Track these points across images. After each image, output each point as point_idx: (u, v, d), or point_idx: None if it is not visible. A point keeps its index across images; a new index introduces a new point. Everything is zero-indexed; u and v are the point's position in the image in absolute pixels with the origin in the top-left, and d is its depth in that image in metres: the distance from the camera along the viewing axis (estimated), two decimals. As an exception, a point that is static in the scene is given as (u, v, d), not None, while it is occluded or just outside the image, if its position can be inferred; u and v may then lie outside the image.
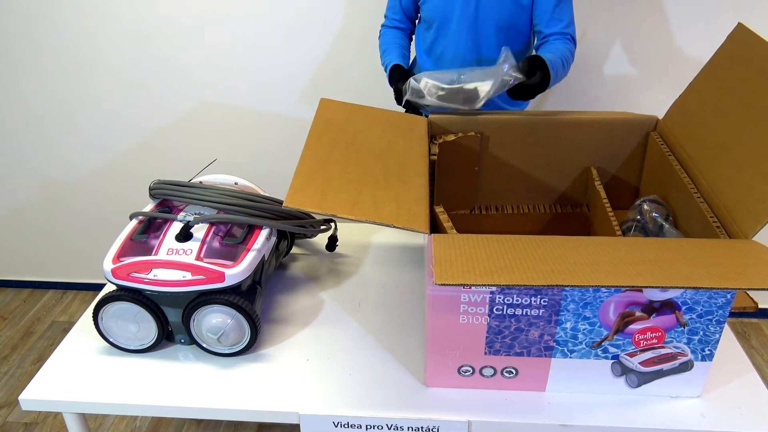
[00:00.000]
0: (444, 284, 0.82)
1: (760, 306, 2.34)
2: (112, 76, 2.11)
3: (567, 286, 0.82)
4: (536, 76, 1.35)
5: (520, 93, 1.36)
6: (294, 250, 1.46)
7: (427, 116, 1.37)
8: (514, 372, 1.03)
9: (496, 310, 0.96)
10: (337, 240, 1.42)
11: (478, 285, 0.83)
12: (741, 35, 1.18)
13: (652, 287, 0.84)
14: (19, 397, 1.08)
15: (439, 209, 1.14)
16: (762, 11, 1.85)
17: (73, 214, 2.40)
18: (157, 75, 2.10)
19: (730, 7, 1.85)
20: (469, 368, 1.03)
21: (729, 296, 0.94)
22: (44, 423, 1.91)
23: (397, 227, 0.95)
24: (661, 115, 1.36)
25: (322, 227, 1.33)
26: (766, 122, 1.04)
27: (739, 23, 1.20)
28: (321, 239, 1.49)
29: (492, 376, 1.04)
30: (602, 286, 0.83)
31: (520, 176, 1.41)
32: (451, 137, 1.34)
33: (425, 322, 1.19)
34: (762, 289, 0.83)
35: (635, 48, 1.93)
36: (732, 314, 2.39)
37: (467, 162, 1.38)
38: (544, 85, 1.36)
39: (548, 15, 1.46)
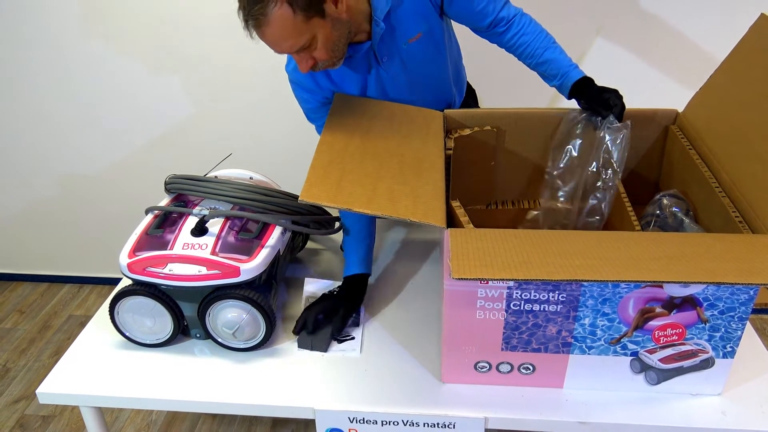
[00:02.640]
0: (461, 278, 0.81)
1: (780, 302, 2.29)
2: (128, 69, 2.10)
3: (588, 280, 0.81)
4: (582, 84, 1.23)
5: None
6: (309, 244, 1.45)
7: None
8: (531, 368, 1.02)
9: (514, 305, 0.94)
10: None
11: (496, 279, 0.82)
12: (764, 26, 1.15)
13: (675, 282, 0.82)
14: (37, 391, 1.08)
15: (455, 204, 1.12)
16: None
17: (89, 208, 2.41)
18: (174, 69, 2.09)
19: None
20: (486, 364, 1.02)
21: (752, 292, 0.92)
22: (62, 416, 1.92)
23: (414, 221, 0.94)
24: (679, 109, 1.33)
25: (337, 225, 1.32)
26: (789, 116, 1.02)
27: (762, 14, 1.17)
28: (336, 235, 1.48)
29: (509, 372, 1.02)
30: (624, 281, 0.82)
31: (537, 171, 1.39)
32: (467, 131, 1.32)
33: (441, 317, 1.17)
34: (786, 285, 0.81)
35: (651, 43, 1.90)
36: (755, 311, 2.35)
37: (483, 157, 1.36)
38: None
39: (484, 3, 1.23)
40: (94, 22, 2.03)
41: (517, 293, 0.93)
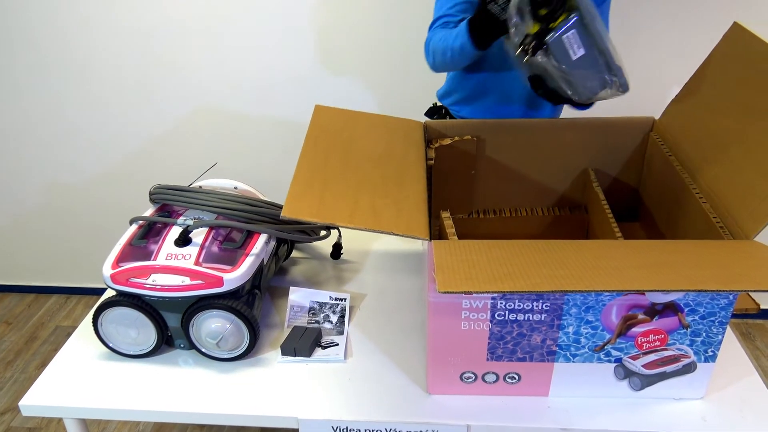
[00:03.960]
0: (447, 292, 0.79)
1: (762, 307, 2.30)
2: (113, 80, 2.07)
3: (574, 291, 0.79)
4: None
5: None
6: (294, 254, 1.42)
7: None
8: (516, 378, 1.00)
9: (498, 315, 0.93)
10: (341, 248, 1.39)
11: (483, 292, 0.80)
12: (737, 34, 1.15)
13: (659, 291, 0.80)
14: (20, 403, 1.05)
15: (445, 215, 1.11)
16: (757, 10, 1.82)
17: (76, 218, 2.37)
18: (158, 79, 2.07)
19: (722, 7, 1.82)
20: (471, 375, 1.00)
21: (731, 297, 0.91)
22: (47, 428, 1.87)
23: (397, 234, 0.92)
24: (656, 116, 1.32)
25: (322, 233, 1.30)
26: (763, 122, 1.01)
27: (734, 22, 1.17)
28: (321, 244, 1.46)
29: (494, 382, 1.00)
30: (609, 291, 0.80)
31: (518, 179, 1.38)
32: (448, 141, 1.31)
33: (425, 328, 1.15)
34: (765, 291, 0.80)
35: (626, 51, 1.90)
36: (735, 315, 2.36)
37: (464, 166, 1.35)
38: None
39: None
40: (79, 33, 2.00)
41: (501, 303, 0.91)
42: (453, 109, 1.54)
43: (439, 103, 1.58)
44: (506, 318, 0.93)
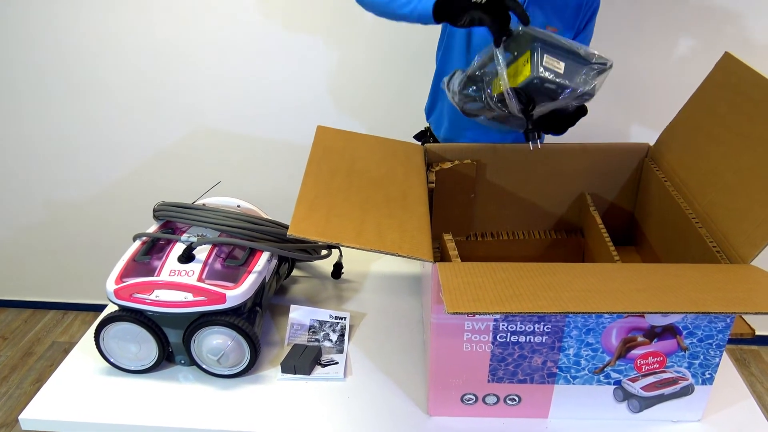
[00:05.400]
0: (456, 313, 0.78)
1: (758, 333, 2.30)
2: (116, 98, 2.07)
3: (579, 313, 0.78)
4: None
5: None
6: (295, 272, 1.41)
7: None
8: (517, 399, 0.98)
9: (500, 337, 0.91)
10: (342, 267, 1.38)
11: (491, 313, 0.79)
12: (728, 64, 1.16)
13: (661, 312, 0.80)
14: (20, 417, 1.03)
15: (447, 237, 1.10)
16: (744, 40, 1.85)
17: (75, 234, 2.34)
18: (162, 98, 2.06)
19: (713, 37, 1.85)
20: (472, 396, 0.98)
21: (729, 320, 0.90)
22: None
23: (402, 256, 0.91)
24: (650, 143, 1.33)
25: (323, 252, 1.29)
26: (757, 148, 1.02)
27: (726, 52, 1.18)
28: (322, 263, 1.44)
29: (495, 404, 0.99)
30: (614, 313, 0.79)
31: (516, 202, 1.37)
32: (448, 165, 1.30)
33: (424, 349, 1.14)
34: (765, 313, 0.79)
35: (618, 82, 1.92)
36: (731, 341, 2.35)
37: (463, 189, 1.34)
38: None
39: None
40: (80, 50, 2.00)
41: (503, 325, 0.90)
42: (434, 125, 1.57)
43: (426, 125, 1.63)
44: (508, 340, 0.92)
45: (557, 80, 1.10)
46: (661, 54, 1.88)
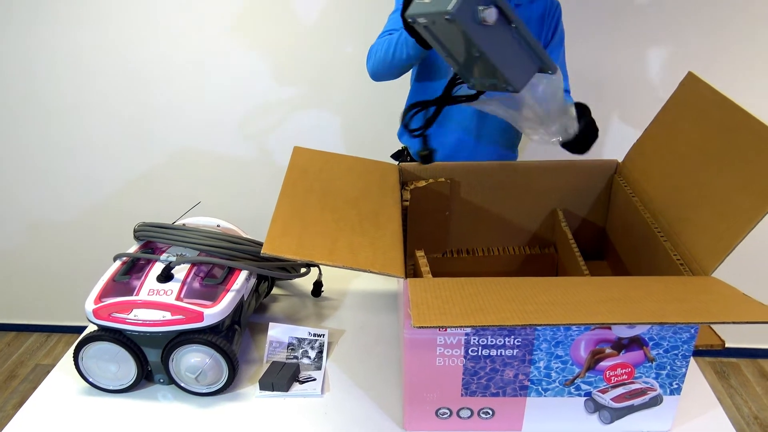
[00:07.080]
0: (422, 327, 0.79)
1: (734, 345, 2.32)
2: (98, 120, 2.07)
3: (540, 325, 0.79)
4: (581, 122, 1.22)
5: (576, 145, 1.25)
6: (275, 291, 1.41)
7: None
8: (491, 413, 0.99)
9: (472, 351, 0.93)
10: (322, 285, 1.38)
11: (455, 327, 0.80)
12: (691, 83, 1.19)
13: (622, 324, 0.81)
14: (-5, 441, 1.02)
15: (419, 254, 1.11)
16: (711, 55, 1.89)
17: (58, 256, 2.33)
18: (142, 119, 2.07)
19: (682, 62, 1.89)
20: (447, 410, 0.99)
21: (693, 331, 0.92)
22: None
23: (374, 272, 0.92)
24: (619, 159, 1.36)
25: (302, 270, 1.30)
26: (717, 165, 1.05)
27: (689, 72, 1.21)
28: (302, 281, 1.45)
29: (469, 417, 1.00)
30: (574, 324, 0.81)
31: (490, 219, 1.39)
32: (422, 183, 1.32)
33: (401, 365, 1.14)
34: (724, 323, 0.81)
35: (588, 97, 1.96)
36: (706, 353, 2.37)
37: (438, 207, 1.36)
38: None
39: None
40: (64, 71, 2.01)
41: (474, 339, 0.91)
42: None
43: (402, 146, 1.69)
44: (479, 353, 0.93)
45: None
46: (631, 71, 1.92)
